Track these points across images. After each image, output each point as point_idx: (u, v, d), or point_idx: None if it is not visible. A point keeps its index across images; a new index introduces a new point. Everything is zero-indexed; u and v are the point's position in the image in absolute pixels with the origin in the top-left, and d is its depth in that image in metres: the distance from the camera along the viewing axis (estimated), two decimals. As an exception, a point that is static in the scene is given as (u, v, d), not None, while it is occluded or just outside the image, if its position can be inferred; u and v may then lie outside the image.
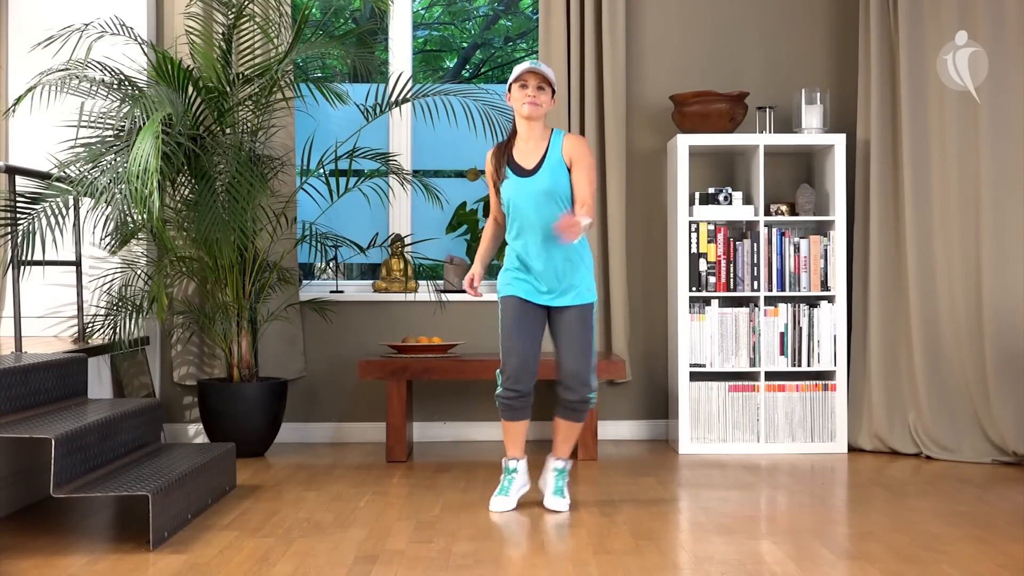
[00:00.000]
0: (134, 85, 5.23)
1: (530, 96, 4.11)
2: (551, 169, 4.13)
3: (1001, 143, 5.35)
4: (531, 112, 4.12)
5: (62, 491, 3.63)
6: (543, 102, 4.12)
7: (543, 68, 4.12)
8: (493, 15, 7.44)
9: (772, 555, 3.56)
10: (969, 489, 4.64)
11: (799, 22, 6.04)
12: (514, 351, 4.17)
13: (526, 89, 4.12)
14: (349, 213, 6.10)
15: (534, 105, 4.11)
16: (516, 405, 4.21)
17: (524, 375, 4.17)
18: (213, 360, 5.89)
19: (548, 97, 4.14)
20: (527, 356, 4.17)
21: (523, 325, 4.18)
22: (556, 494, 4.25)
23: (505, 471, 4.32)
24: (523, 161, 4.18)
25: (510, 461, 4.31)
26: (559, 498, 4.23)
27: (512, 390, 4.19)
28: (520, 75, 4.12)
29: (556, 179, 4.12)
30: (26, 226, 4.56)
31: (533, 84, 4.11)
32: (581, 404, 4.21)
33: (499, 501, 4.24)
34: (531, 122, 4.17)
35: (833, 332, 5.59)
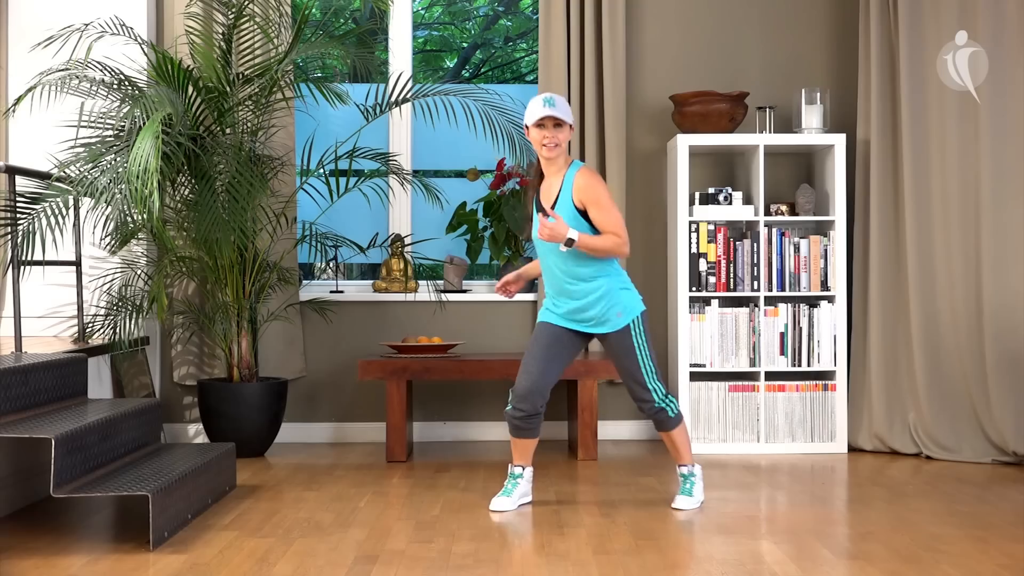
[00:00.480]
0: (134, 85, 5.23)
1: (548, 137, 4.11)
2: (561, 212, 4.12)
3: (1001, 143, 5.35)
4: (550, 155, 4.14)
5: (62, 491, 3.63)
6: (562, 140, 4.13)
7: (558, 110, 4.09)
8: (493, 15, 7.44)
9: (772, 555, 3.56)
10: (969, 489, 4.64)
11: (799, 22, 6.04)
12: (527, 372, 4.20)
13: (543, 130, 4.12)
14: (349, 213, 6.10)
15: (553, 147, 4.12)
16: (522, 425, 4.23)
17: (531, 396, 4.18)
18: (213, 360, 5.89)
19: (566, 133, 4.14)
20: (538, 380, 4.18)
21: (545, 349, 4.21)
22: (682, 494, 4.30)
23: (510, 476, 4.32)
24: (544, 197, 4.21)
25: (515, 467, 4.33)
26: (685, 497, 4.29)
27: (518, 409, 4.21)
28: (537, 120, 4.11)
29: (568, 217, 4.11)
30: (26, 226, 4.56)
31: (550, 124, 4.12)
32: (653, 415, 4.25)
33: (500, 501, 4.25)
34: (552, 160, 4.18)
35: (833, 332, 5.59)
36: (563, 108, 4.12)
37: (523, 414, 4.20)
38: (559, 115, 4.09)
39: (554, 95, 4.15)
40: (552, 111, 4.09)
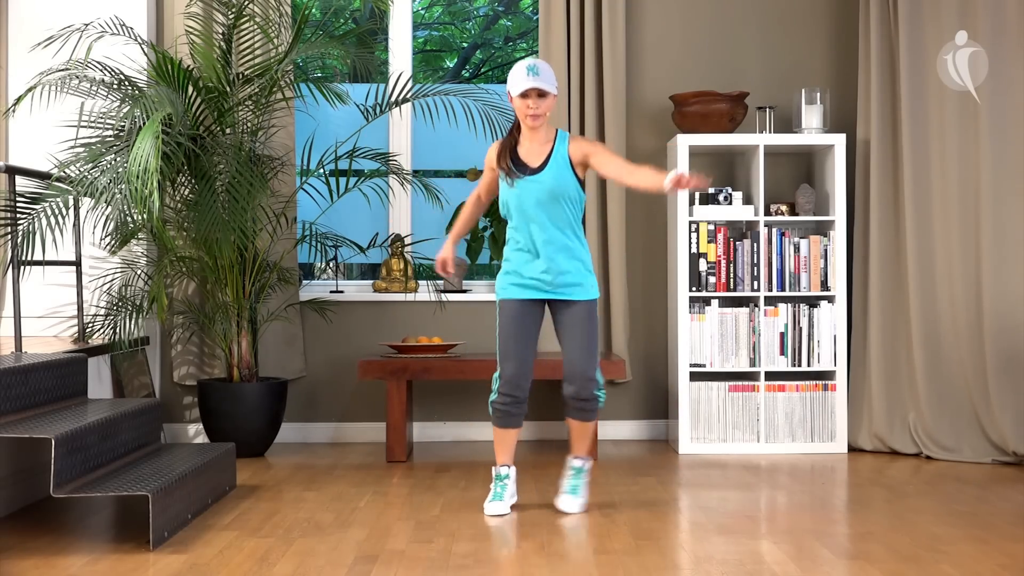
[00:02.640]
0: (134, 85, 5.23)
1: (531, 108, 4.09)
2: (556, 168, 4.12)
3: (1001, 143, 5.35)
4: (534, 124, 4.12)
5: (62, 491, 3.63)
6: (545, 109, 4.11)
7: (542, 80, 4.06)
8: (493, 15, 7.44)
9: (772, 555, 3.56)
10: (969, 489, 4.64)
11: (799, 22, 6.04)
12: (511, 356, 4.15)
13: (527, 100, 4.10)
14: (349, 213, 6.10)
15: (536, 117, 4.11)
16: (512, 411, 4.18)
17: (522, 380, 4.15)
18: (213, 360, 5.89)
19: (550, 101, 4.12)
20: (524, 360, 4.15)
21: (520, 329, 4.16)
22: (569, 492, 4.23)
23: (497, 478, 4.28)
24: (528, 160, 4.17)
25: (501, 468, 4.28)
26: (571, 497, 4.21)
27: (509, 395, 4.16)
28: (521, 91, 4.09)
29: (561, 178, 4.12)
30: (26, 226, 4.56)
31: (534, 95, 4.09)
32: (588, 403, 4.19)
33: (495, 506, 4.20)
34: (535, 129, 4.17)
35: (833, 332, 5.59)
36: (547, 77, 4.08)
37: (513, 399, 4.15)
38: (543, 86, 4.05)
39: (538, 62, 4.09)
40: (536, 82, 4.04)
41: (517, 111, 4.15)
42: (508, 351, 4.16)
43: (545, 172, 4.13)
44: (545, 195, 4.11)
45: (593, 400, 4.19)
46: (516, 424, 4.23)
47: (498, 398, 4.19)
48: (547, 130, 4.19)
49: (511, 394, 4.16)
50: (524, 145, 4.20)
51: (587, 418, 4.23)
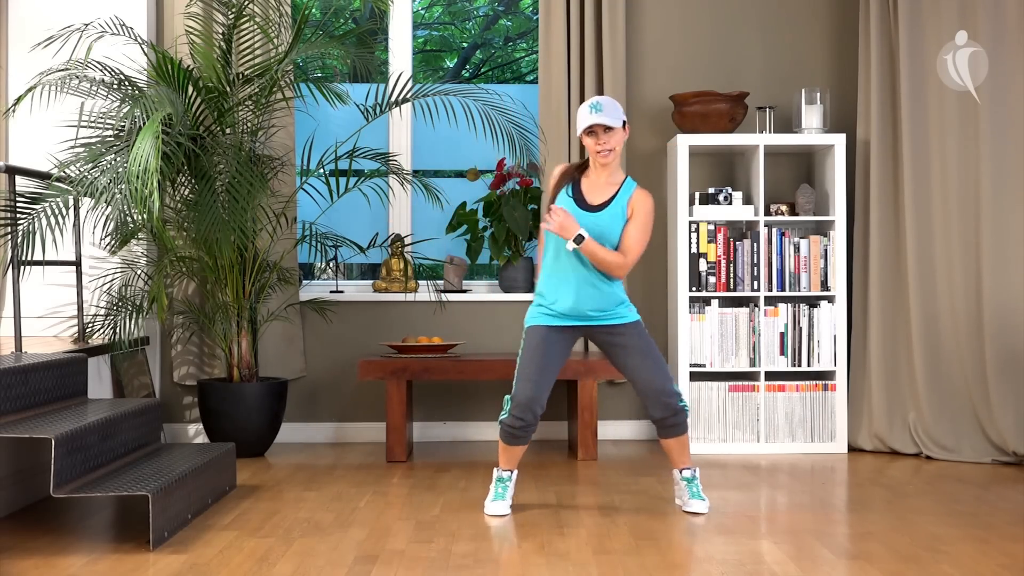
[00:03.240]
0: (134, 85, 5.23)
1: (601, 144, 4.05)
2: (613, 214, 4.08)
3: (1001, 143, 5.35)
4: (605, 161, 4.08)
5: (62, 491, 3.63)
6: (614, 144, 4.06)
7: (605, 115, 4.00)
8: (493, 15, 7.44)
9: (772, 555, 3.56)
10: (969, 489, 4.64)
11: (799, 22, 6.04)
12: (529, 380, 4.09)
13: (594, 137, 4.05)
14: (349, 213, 6.10)
15: (607, 155, 4.06)
16: (520, 434, 4.14)
17: (534, 406, 4.09)
18: (213, 360, 5.89)
19: (619, 136, 4.07)
20: (541, 387, 4.09)
21: (542, 355, 4.11)
22: (695, 498, 4.21)
23: (499, 480, 4.26)
24: (589, 195, 4.13)
25: (504, 472, 4.27)
26: (699, 501, 4.20)
27: (519, 419, 4.11)
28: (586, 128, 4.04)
29: (614, 225, 4.08)
30: (26, 226, 4.56)
31: (601, 131, 4.04)
32: (676, 416, 4.14)
33: (497, 506, 4.19)
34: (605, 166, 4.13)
35: (833, 332, 5.59)
36: (611, 112, 4.02)
37: (523, 423, 4.10)
38: (607, 121, 4.00)
39: (602, 99, 4.05)
40: (599, 118, 4.00)
41: (588, 150, 4.10)
42: (526, 375, 4.10)
43: (603, 214, 4.08)
44: (597, 235, 4.07)
45: (682, 413, 4.14)
46: (524, 443, 4.20)
47: (509, 419, 4.13)
48: (616, 172, 4.15)
49: (522, 417, 4.10)
50: (590, 179, 4.15)
51: (680, 432, 4.17)
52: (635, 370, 4.11)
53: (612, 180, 4.13)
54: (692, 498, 4.22)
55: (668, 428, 4.15)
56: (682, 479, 4.24)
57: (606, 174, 4.13)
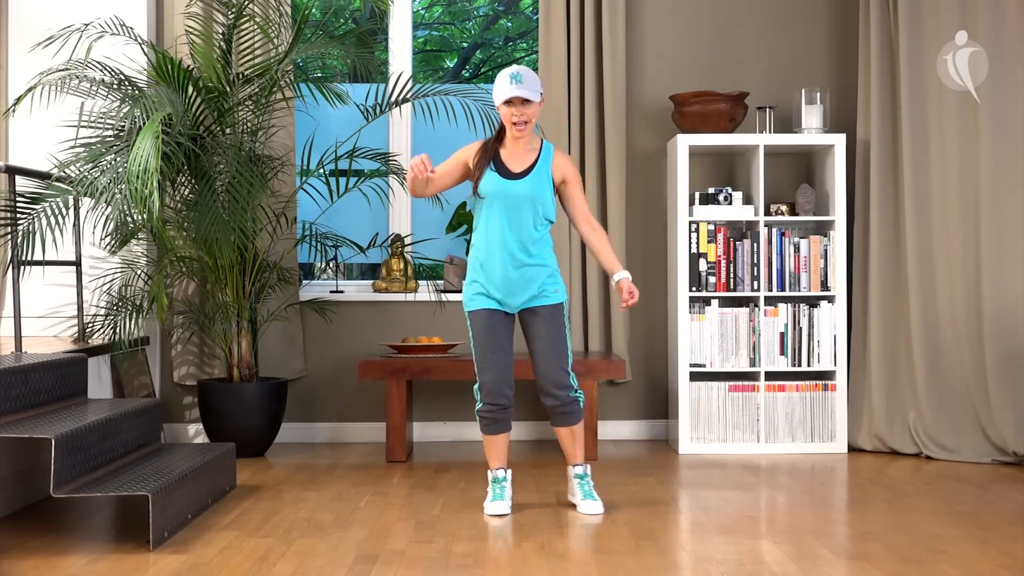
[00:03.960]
0: (134, 85, 5.23)
1: (517, 115, 4.09)
2: (538, 178, 4.14)
3: (1001, 143, 5.35)
4: (519, 132, 4.12)
5: (62, 491, 3.63)
6: (530, 116, 4.11)
7: (525, 88, 4.05)
8: (493, 15, 7.44)
9: (772, 555, 3.56)
10: (969, 489, 4.64)
11: (799, 22, 6.04)
12: (488, 366, 4.15)
13: (512, 107, 4.09)
14: (349, 213, 6.10)
15: (523, 126, 4.11)
16: (498, 418, 4.19)
17: (503, 388, 4.15)
18: (213, 360, 5.89)
19: (535, 109, 4.12)
20: (503, 369, 4.15)
21: (494, 338, 4.16)
22: (588, 498, 4.21)
23: (494, 481, 4.27)
24: (510, 164, 4.18)
25: (497, 471, 4.27)
26: (592, 501, 4.20)
27: (493, 404, 4.16)
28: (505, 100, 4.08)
29: (541, 188, 4.14)
30: (26, 226, 4.56)
31: (519, 102, 4.09)
32: (568, 406, 4.18)
33: (497, 506, 4.19)
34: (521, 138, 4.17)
35: (833, 332, 5.59)
36: (531, 85, 4.07)
37: (498, 407, 4.16)
38: (527, 94, 4.05)
39: (521, 70, 4.08)
40: (519, 90, 4.04)
41: (503, 119, 4.14)
42: (485, 362, 4.16)
43: (527, 179, 4.14)
44: (521, 200, 4.12)
45: (575, 403, 4.18)
46: (505, 429, 4.23)
47: (483, 407, 4.20)
48: (532, 139, 4.20)
49: (494, 403, 4.17)
50: (508, 149, 4.20)
51: (571, 422, 4.21)
52: (536, 353, 4.17)
53: (531, 147, 4.20)
54: (585, 498, 4.21)
55: (560, 416, 4.20)
56: (574, 476, 4.27)
57: (523, 143, 4.18)
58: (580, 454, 4.27)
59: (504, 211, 4.13)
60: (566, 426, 4.22)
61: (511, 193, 4.12)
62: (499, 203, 4.13)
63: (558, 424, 4.23)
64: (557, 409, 4.18)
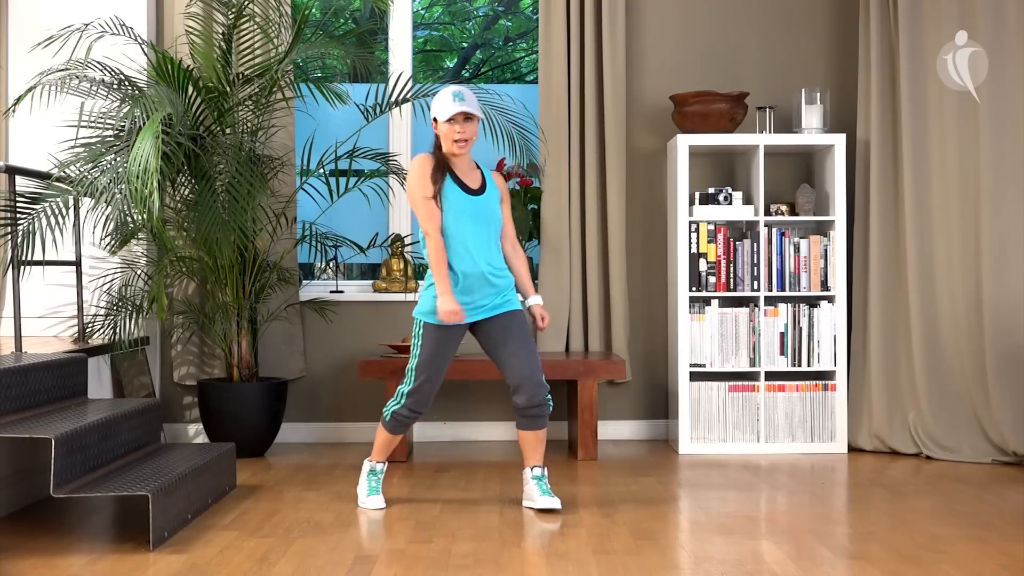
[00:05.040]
0: (134, 85, 5.23)
1: (459, 133, 4.12)
2: (491, 195, 4.24)
3: (1001, 143, 5.35)
4: (460, 149, 4.15)
5: (62, 491, 3.63)
6: (471, 134, 4.15)
7: (467, 104, 4.10)
8: (493, 15, 7.44)
9: (772, 555, 3.56)
10: (969, 489, 4.64)
11: (799, 22, 6.04)
12: (428, 378, 4.20)
13: (454, 124, 4.12)
14: (349, 213, 6.10)
15: (465, 143, 4.14)
16: (410, 422, 4.28)
17: (431, 398, 4.24)
18: (213, 360, 5.89)
19: (475, 126, 4.16)
20: (437, 383, 4.23)
21: (442, 354, 4.20)
22: (546, 494, 4.23)
23: (371, 472, 4.36)
24: (469, 181, 4.22)
25: (377, 464, 4.36)
26: (550, 497, 4.21)
27: (416, 412, 4.24)
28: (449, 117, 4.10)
29: (496, 206, 4.24)
30: (26, 226, 4.56)
31: (461, 119, 4.12)
32: (540, 408, 4.21)
33: (376, 499, 4.31)
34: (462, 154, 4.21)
35: (833, 332, 5.59)
36: (473, 102, 4.13)
37: (416, 415, 4.25)
38: (470, 109, 4.10)
39: (462, 88, 4.14)
40: (462, 106, 4.09)
41: (443, 137, 4.15)
42: (427, 374, 4.20)
43: (485, 196, 4.21)
44: (487, 215, 4.19)
45: (545, 406, 4.22)
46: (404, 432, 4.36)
47: (403, 410, 4.24)
48: (469, 157, 4.25)
49: (418, 410, 4.25)
50: (455, 166, 4.22)
51: (541, 425, 4.25)
52: (511, 354, 4.20)
53: (471, 165, 4.26)
54: (543, 494, 4.23)
55: (529, 419, 4.22)
56: (532, 477, 4.28)
57: (465, 160, 4.23)
58: (539, 458, 4.30)
59: (474, 224, 4.17)
60: (533, 430, 4.25)
61: (479, 207, 4.19)
62: (468, 217, 4.16)
63: (526, 427, 4.25)
64: (530, 411, 4.20)
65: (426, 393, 4.21)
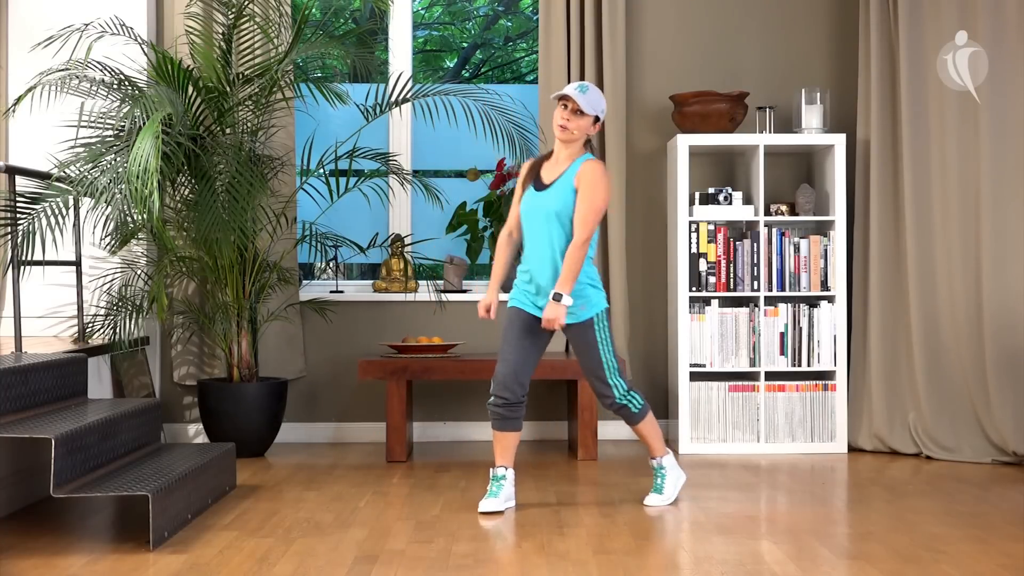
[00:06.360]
0: (134, 85, 5.23)
1: (564, 118, 4.14)
2: (559, 190, 4.15)
3: (1001, 143, 5.35)
4: (560, 135, 4.16)
5: (62, 491, 3.63)
6: (575, 127, 4.13)
7: (582, 96, 4.09)
8: (493, 15, 7.44)
9: (772, 555, 3.56)
10: (969, 489, 4.64)
11: (799, 22, 6.04)
12: (504, 360, 4.23)
13: (563, 111, 4.15)
14: (349, 213, 6.10)
15: (564, 129, 4.14)
16: (504, 414, 4.22)
17: (511, 384, 4.20)
18: (213, 360, 5.89)
19: (586, 123, 4.14)
20: (516, 366, 4.20)
21: (519, 336, 4.23)
22: (652, 491, 4.36)
23: (493, 478, 4.29)
24: (546, 175, 4.23)
25: (498, 469, 4.29)
26: (653, 495, 4.34)
27: (500, 397, 4.21)
28: (560, 95, 4.13)
29: (562, 201, 4.14)
30: (26, 226, 4.56)
31: (571, 107, 4.13)
32: (616, 411, 4.28)
33: (489, 502, 4.22)
34: (563, 142, 4.20)
35: (833, 332, 5.59)
36: (590, 99, 4.11)
37: (504, 402, 4.20)
38: (580, 102, 4.09)
39: (591, 85, 4.15)
40: (577, 96, 4.09)
41: (553, 119, 4.20)
42: (503, 355, 4.24)
43: (550, 191, 4.17)
44: (545, 213, 4.16)
45: (623, 408, 4.27)
46: (512, 427, 4.25)
47: (493, 400, 4.25)
48: (576, 150, 4.21)
49: (500, 395, 4.22)
50: (550, 161, 4.25)
51: (629, 422, 4.31)
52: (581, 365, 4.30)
53: (567, 159, 4.22)
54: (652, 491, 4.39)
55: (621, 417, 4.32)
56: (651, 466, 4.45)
57: (566, 153, 4.21)
58: (653, 448, 4.36)
59: (527, 222, 4.22)
60: (628, 424, 4.35)
61: (533, 203, 4.19)
62: (525, 215, 4.23)
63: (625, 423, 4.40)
64: (608, 408, 4.29)
65: (503, 375, 4.20)
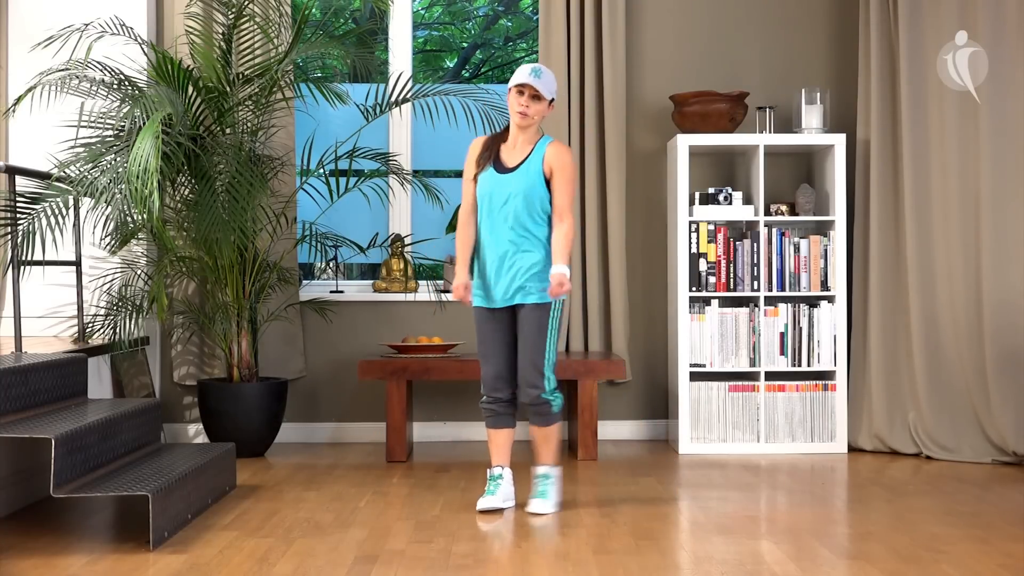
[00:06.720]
0: (134, 85, 5.23)
1: (523, 105, 4.13)
2: (527, 173, 4.16)
3: (1001, 143, 5.35)
4: (520, 122, 4.16)
5: (62, 491, 3.63)
6: (535, 112, 4.14)
7: (539, 82, 4.10)
8: (493, 15, 7.44)
9: (772, 555, 3.56)
10: (969, 489, 4.64)
11: (799, 22, 6.04)
12: (486, 360, 4.24)
13: (521, 97, 4.13)
14: (349, 213, 6.10)
15: (524, 115, 4.14)
16: (498, 411, 4.25)
17: (499, 383, 4.22)
18: (213, 360, 5.89)
19: (543, 107, 4.15)
20: (500, 364, 4.22)
21: (492, 333, 4.23)
22: (537, 496, 4.24)
23: (490, 478, 4.29)
24: (506, 158, 4.22)
25: (494, 469, 4.30)
26: (539, 500, 4.22)
27: (491, 397, 4.24)
28: (517, 84, 4.12)
29: (530, 183, 4.15)
30: (26, 226, 4.56)
31: (528, 93, 4.13)
32: (536, 406, 4.21)
33: (486, 500, 4.22)
34: (521, 128, 4.20)
35: (833, 332, 5.59)
36: (546, 82, 4.12)
37: (494, 399, 4.23)
38: (538, 88, 4.09)
39: (543, 68, 4.14)
40: (534, 82, 4.09)
41: (509, 106, 4.18)
42: (483, 355, 4.26)
43: (517, 173, 4.17)
44: (511, 196, 4.15)
45: (544, 405, 4.20)
46: (505, 424, 4.27)
47: (483, 399, 4.27)
48: (534, 134, 4.22)
49: (490, 395, 4.24)
50: (508, 144, 4.24)
51: (539, 423, 4.25)
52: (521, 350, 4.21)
53: (528, 142, 4.21)
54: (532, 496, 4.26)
55: (532, 415, 4.26)
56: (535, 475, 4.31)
57: (524, 136, 4.21)
58: (547, 456, 4.29)
59: (488, 204, 4.19)
60: (536, 426, 4.27)
61: (496, 186, 4.18)
62: (486, 198, 4.20)
63: (531, 423, 4.28)
64: (528, 408, 4.23)
65: (489, 376, 4.21)
